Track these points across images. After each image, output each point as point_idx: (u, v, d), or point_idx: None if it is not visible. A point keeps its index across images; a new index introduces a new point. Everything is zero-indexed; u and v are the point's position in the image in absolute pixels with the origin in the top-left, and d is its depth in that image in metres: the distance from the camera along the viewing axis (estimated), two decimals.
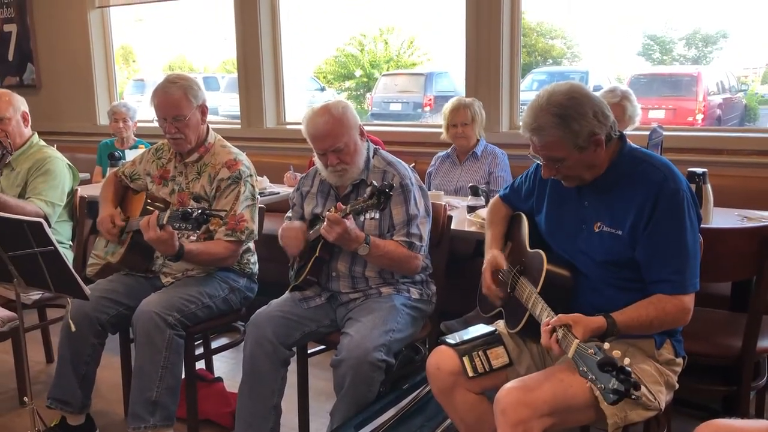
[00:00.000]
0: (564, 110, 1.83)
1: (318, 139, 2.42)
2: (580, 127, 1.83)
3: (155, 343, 2.51)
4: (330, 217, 2.25)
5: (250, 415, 2.42)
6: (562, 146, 1.86)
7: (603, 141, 1.87)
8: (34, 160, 3.23)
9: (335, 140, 2.40)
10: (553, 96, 1.86)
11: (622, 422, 1.80)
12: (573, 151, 1.86)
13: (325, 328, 2.53)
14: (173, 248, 2.46)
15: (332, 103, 2.45)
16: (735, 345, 2.30)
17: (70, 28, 6.15)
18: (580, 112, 1.83)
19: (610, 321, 1.75)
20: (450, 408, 2.06)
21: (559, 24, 14.16)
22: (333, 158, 2.42)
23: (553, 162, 1.91)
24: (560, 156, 1.87)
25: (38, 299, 3.13)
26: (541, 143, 1.89)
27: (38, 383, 3.32)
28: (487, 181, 3.72)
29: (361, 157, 2.48)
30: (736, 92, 11.16)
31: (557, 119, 1.83)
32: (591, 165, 1.91)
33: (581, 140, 1.84)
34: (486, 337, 2.03)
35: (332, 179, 2.50)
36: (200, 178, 2.74)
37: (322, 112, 2.41)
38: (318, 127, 2.41)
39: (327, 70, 15.72)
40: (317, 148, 2.45)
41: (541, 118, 1.86)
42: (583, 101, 1.85)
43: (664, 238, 1.84)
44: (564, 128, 1.83)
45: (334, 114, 2.40)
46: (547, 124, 1.85)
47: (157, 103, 2.67)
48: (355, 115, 2.47)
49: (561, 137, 1.84)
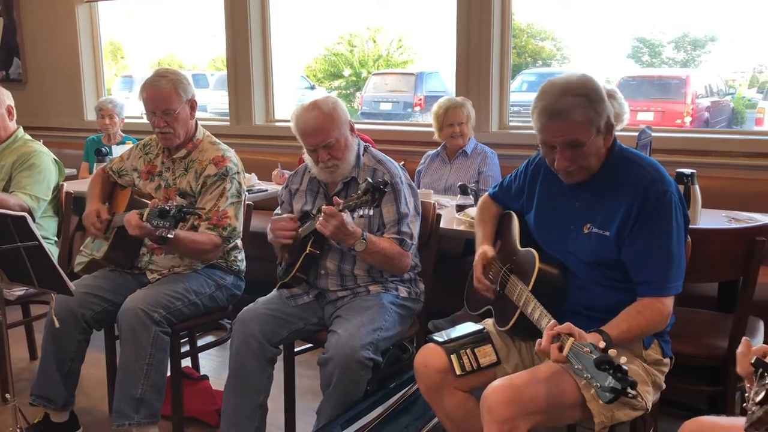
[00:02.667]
0: (588, 91, 1.83)
1: (308, 135, 2.40)
2: (603, 110, 1.84)
3: (140, 339, 2.49)
4: (326, 210, 2.22)
5: (236, 413, 2.40)
6: (586, 129, 1.83)
7: (613, 128, 1.87)
8: (19, 153, 3.19)
9: (326, 136, 2.38)
10: (570, 81, 1.86)
11: (609, 421, 1.80)
12: (594, 134, 1.85)
13: (313, 326, 2.52)
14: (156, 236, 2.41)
15: (322, 99, 2.43)
16: (721, 345, 2.31)
17: (58, 23, 6.09)
18: (601, 97, 1.84)
19: (606, 337, 1.72)
20: (437, 406, 2.05)
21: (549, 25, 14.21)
22: (324, 154, 2.40)
23: (572, 148, 1.85)
24: (582, 139, 1.84)
25: (22, 295, 3.10)
26: (565, 126, 1.83)
27: (21, 380, 3.29)
28: (476, 180, 3.72)
29: (352, 152, 2.46)
30: (723, 95, 11.24)
31: (584, 100, 1.82)
32: (599, 154, 1.90)
33: (603, 124, 1.85)
34: (474, 336, 2.02)
35: (323, 176, 2.48)
36: (187, 174, 2.72)
37: (312, 108, 2.39)
38: (308, 122, 2.39)
39: (317, 69, 15.70)
40: (307, 144, 2.43)
41: (563, 101, 1.82)
42: (598, 86, 1.86)
43: (649, 240, 1.84)
44: (590, 109, 1.82)
45: (324, 109, 2.39)
46: (572, 105, 1.82)
47: (147, 96, 2.65)
48: (345, 110, 2.45)
49: (587, 118, 1.82)
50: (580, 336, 1.66)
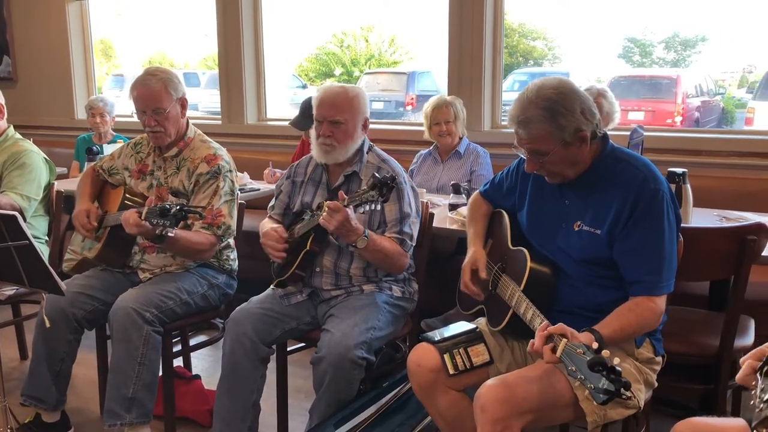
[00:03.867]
0: (552, 104, 1.83)
1: (323, 105, 2.46)
2: (567, 123, 1.84)
3: (132, 339, 2.47)
4: (331, 205, 2.22)
5: (229, 412, 2.39)
6: (548, 140, 1.86)
7: (588, 138, 1.87)
8: (10, 153, 3.17)
9: (336, 112, 2.42)
10: (542, 90, 1.86)
11: (602, 420, 1.81)
12: (558, 146, 1.86)
13: (306, 326, 2.51)
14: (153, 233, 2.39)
15: (351, 86, 2.52)
16: (713, 344, 2.31)
17: (48, 20, 6.05)
18: (568, 108, 1.84)
19: (597, 336, 1.72)
20: (430, 405, 2.05)
21: (540, 25, 14.25)
22: (327, 128, 2.43)
23: (537, 156, 1.90)
24: (545, 150, 1.87)
25: (12, 294, 3.08)
26: (527, 136, 1.88)
27: (12, 380, 3.27)
28: (468, 179, 3.72)
29: (354, 144, 2.47)
30: (713, 95, 11.30)
31: (545, 113, 1.83)
32: (574, 162, 1.91)
33: (567, 135, 1.85)
34: (467, 335, 2.02)
35: (318, 153, 2.50)
36: (179, 173, 2.71)
37: (340, 87, 2.50)
38: (328, 94, 2.47)
39: (308, 68, 15.69)
40: (317, 114, 2.47)
41: (529, 111, 1.85)
42: (571, 97, 1.85)
43: (641, 238, 1.85)
44: (551, 122, 1.83)
45: (349, 92, 2.46)
46: (534, 117, 1.85)
47: (137, 95, 2.64)
48: (366, 104, 2.51)
49: (548, 131, 1.84)
50: (573, 336, 1.66)
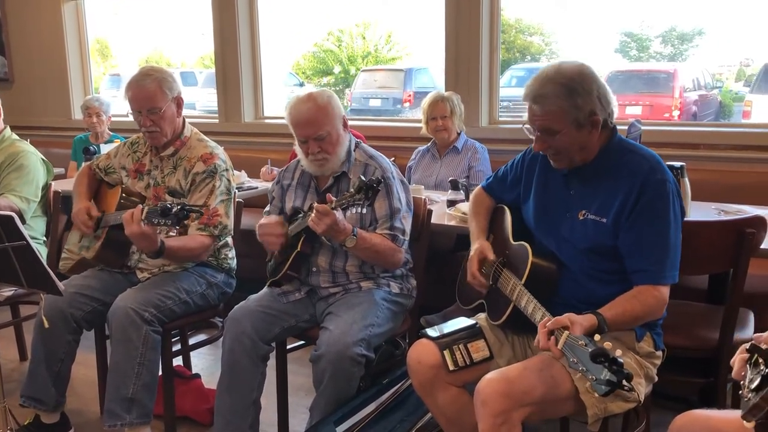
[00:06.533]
0: (571, 83, 1.84)
1: (300, 126, 2.40)
2: (583, 103, 1.84)
3: (131, 339, 2.47)
4: (319, 209, 2.21)
5: (229, 411, 2.39)
6: (562, 118, 1.86)
7: (600, 124, 1.88)
8: (7, 154, 3.16)
9: (318, 128, 2.37)
10: (562, 68, 1.88)
11: (602, 414, 1.81)
12: (570, 126, 1.86)
13: (305, 323, 2.51)
14: (155, 244, 2.40)
15: (317, 92, 2.44)
16: (712, 337, 2.31)
17: (44, 20, 6.04)
18: (586, 89, 1.85)
19: (600, 318, 1.74)
20: (430, 402, 2.05)
21: (537, 21, 14.25)
22: (314, 146, 2.39)
23: (547, 134, 1.89)
24: (557, 128, 1.87)
25: (11, 296, 3.08)
26: (542, 111, 1.88)
27: (11, 381, 3.26)
28: (466, 175, 3.72)
29: (343, 148, 2.46)
30: (711, 89, 11.32)
31: (563, 89, 1.84)
32: (583, 146, 1.91)
33: (581, 116, 1.85)
34: (467, 331, 2.02)
35: (312, 168, 2.48)
36: (176, 172, 2.70)
37: (307, 99, 2.40)
38: (301, 113, 2.38)
39: (306, 66, 15.67)
40: (299, 135, 2.42)
41: (547, 86, 1.86)
42: (590, 79, 1.87)
43: (646, 228, 1.85)
44: (568, 100, 1.84)
45: (319, 102, 2.38)
46: (551, 93, 1.85)
47: (132, 95, 2.63)
48: (339, 105, 2.45)
49: (563, 108, 1.85)
50: (573, 321, 1.67)
